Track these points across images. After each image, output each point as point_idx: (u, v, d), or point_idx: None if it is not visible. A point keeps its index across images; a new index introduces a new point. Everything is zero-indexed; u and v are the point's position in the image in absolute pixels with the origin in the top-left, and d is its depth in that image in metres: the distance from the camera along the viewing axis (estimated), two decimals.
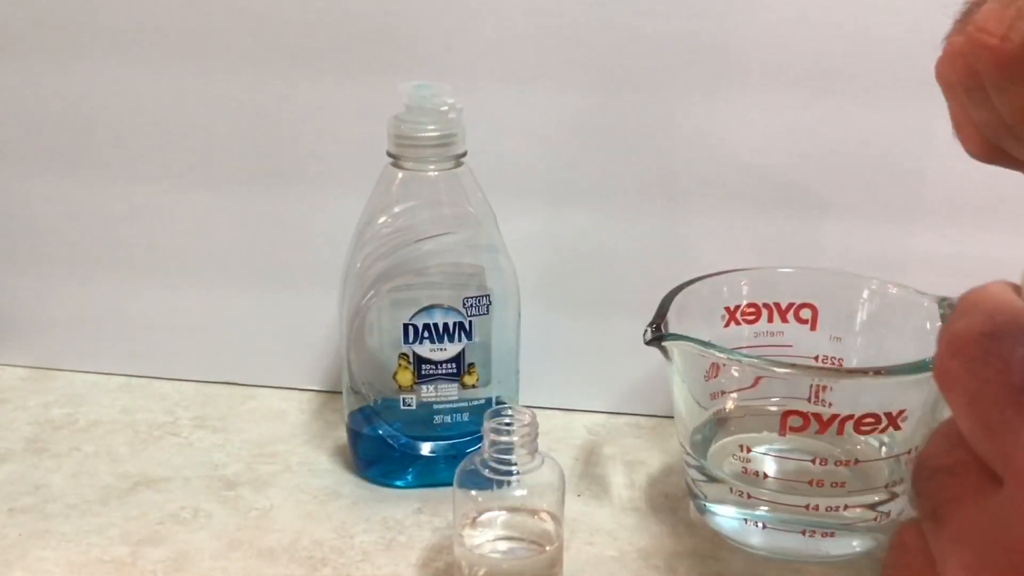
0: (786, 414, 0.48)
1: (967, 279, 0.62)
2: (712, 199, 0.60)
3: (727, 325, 0.54)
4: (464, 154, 0.53)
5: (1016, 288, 0.25)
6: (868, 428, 0.47)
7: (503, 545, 0.47)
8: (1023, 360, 0.22)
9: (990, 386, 0.22)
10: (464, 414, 0.55)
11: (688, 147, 0.60)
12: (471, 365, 0.55)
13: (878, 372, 0.47)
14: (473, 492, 0.47)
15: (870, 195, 0.59)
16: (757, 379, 0.50)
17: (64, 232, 0.66)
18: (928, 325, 0.51)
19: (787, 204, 0.59)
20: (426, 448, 0.56)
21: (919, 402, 0.48)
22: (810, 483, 0.48)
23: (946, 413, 0.45)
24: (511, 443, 0.46)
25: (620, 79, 0.59)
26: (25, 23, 0.62)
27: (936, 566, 0.24)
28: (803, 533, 0.49)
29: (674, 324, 0.49)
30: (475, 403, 0.55)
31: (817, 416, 0.47)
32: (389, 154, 0.53)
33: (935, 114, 0.59)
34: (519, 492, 0.47)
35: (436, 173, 0.53)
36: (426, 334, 0.54)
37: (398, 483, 0.56)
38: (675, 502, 0.56)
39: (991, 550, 0.22)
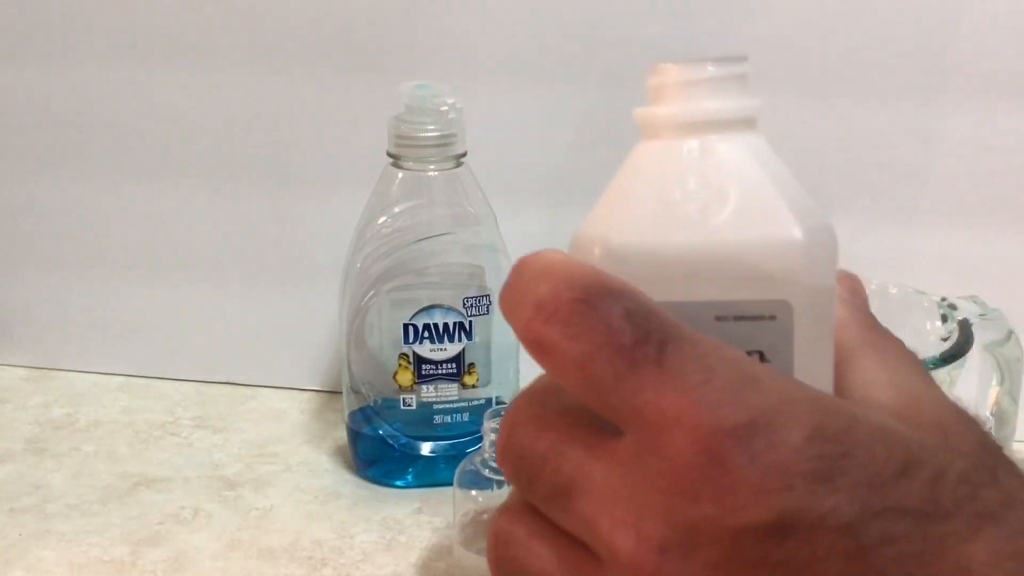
0: None
1: (967, 279, 0.63)
2: None
3: None
4: (464, 154, 0.53)
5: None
6: None
7: None
8: (622, 319, 0.23)
9: (600, 349, 0.23)
10: (464, 414, 0.55)
11: None
12: (471, 365, 0.55)
13: None
14: (473, 492, 0.47)
15: (870, 195, 0.59)
16: None
17: (64, 232, 0.66)
18: (928, 325, 0.51)
19: None
20: (426, 448, 0.56)
21: None
22: None
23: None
24: None
25: (620, 79, 0.59)
26: (25, 23, 0.62)
27: (560, 548, 0.25)
28: None
29: None
30: (475, 403, 0.55)
31: None
32: (389, 154, 0.53)
33: (936, 114, 0.59)
34: None
35: (436, 173, 0.53)
36: (426, 334, 0.54)
37: (398, 483, 0.56)
38: None
39: (640, 490, 0.23)
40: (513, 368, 0.57)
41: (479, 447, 0.47)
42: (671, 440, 0.23)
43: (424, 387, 0.55)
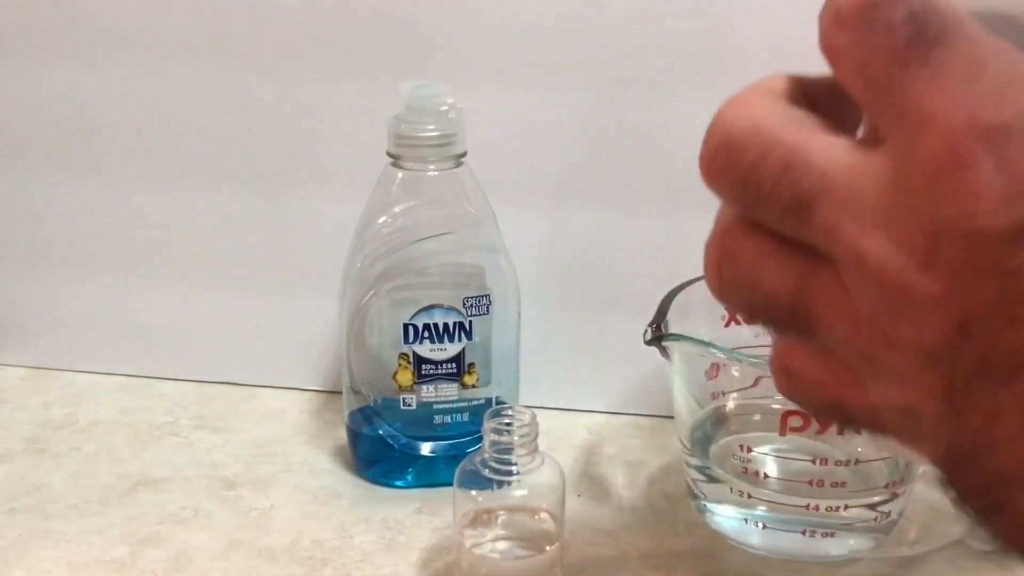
0: (786, 414, 0.48)
1: None
2: (712, 199, 0.60)
3: (727, 325, 0.54)
4: (464, 154, 0.53)
5: None
6: None
7: (503, 545, 0.47)
8: (904, 21, 0.23)
9: (877, 50, 0.23)
10: (464, 414, 0.55)
11: (688, 147, 0.59)
12: (471, 365, 0.55)
13: None
14: (473, 492, 0.47)
15: None
16: (758, 379, 0.50)
17: (64, 232, 0.66)
18: None
19: None
20: (426, 448, 0.56)
21: None
22: (810, 483, 0.48)
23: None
24: (511, 443, 0.46)
25: (620, 79, 0.59)
26: (25, 23, 0.62)
27: (795, 261, 0.25)
28: (803, 533, 0.49)
29: (674, 324, 0.49)
30: (475, 403, 0.55)
31: None
32: (389, 154, 0.53)
33: None
34: (519, 492, 0.47)
35: (436, 173, 0.53)
36: (426, 334, 0.54)
37: (398, 483, 0.56)
38: (675, 502, 0.55)
39: (892, 191, 0.23)
40: (513, 368, 0.57)
41: (479, 447, 0.47)
42: (923, 139, 0.22)
43: (424, 387, 0.55)
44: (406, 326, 0.54)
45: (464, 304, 0.54)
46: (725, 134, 0.27)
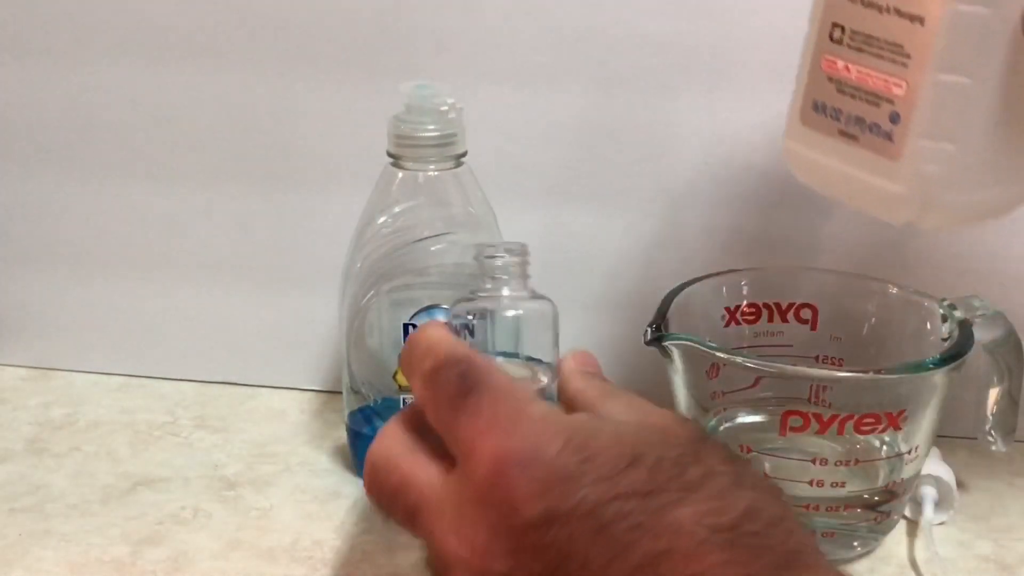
0: (786, 414, 0.48)
1: (967, 279, 0.62)
2: (712, 199, 0.60)
3: (727, 325, 0.54)
4: (464, 154, 0.53)
5: (447, 327, 0.40)
6: (868, 428, 0.47)
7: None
8: (455, 377, 0.35)
9: (441, 398, 0.35)
10: None
11: (688, 146, 0.60)
12: None
13: (878, 372, 0.47)
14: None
15: None
16: (757, 379, 0.50)
17: (64, 232, 0.66)
18: (928, 325, 0.51)
19: (787, 204, 0.59)
20: None
21: (919, 402, 0.48)
22: (810, 483, 0.48)
23: (937, 412, 0.45)
24: (503, 266, 0.43)
25: (620, 79, 0.59)
26: (25, 23, 0.62)
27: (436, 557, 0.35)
28: None
29: (674, 324, 0.49)
30: None
31: (817, 416, 0.47)
32: (389, 154, 0.53)
33: None
34: (510, 313, 0.44)
35: (436, 173, 0.53)
36: None
37: None
38: None
39: (460, 504, 0.33)
40: None
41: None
42: (471, 463, 0.33)
43: None
44: (406, 326, 0.54)
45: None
46: (370, 459, 0.38)
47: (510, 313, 0.43)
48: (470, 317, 0.43)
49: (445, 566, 0.34)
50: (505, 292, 0.43)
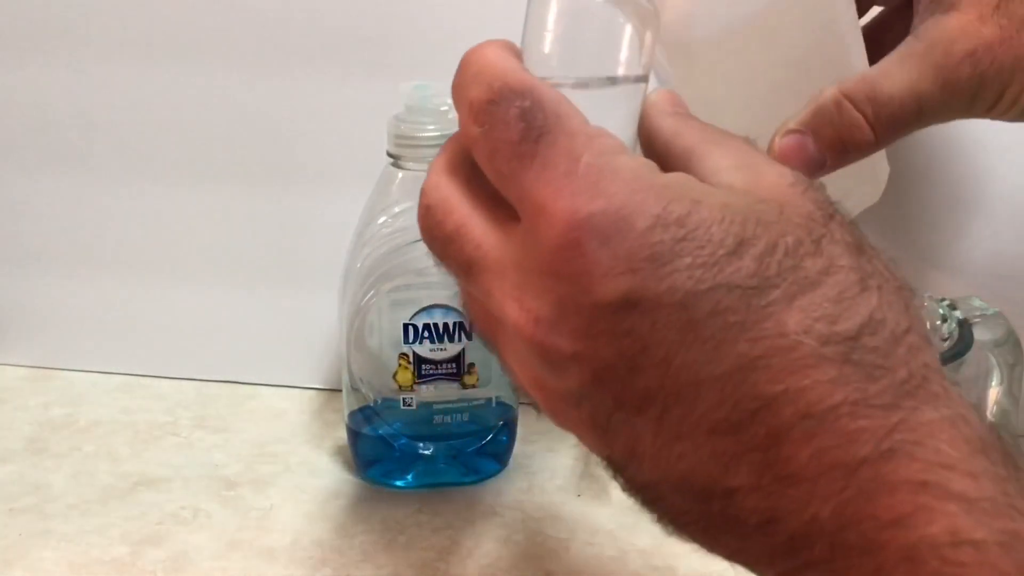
0: None
1: (969, 278, 0.62)
2: None
3: None
4: None
5: (513, 47, 0.32)
6: None
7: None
8: (515, 118, 0.28)
9: (498, 144, 0.28)
10: (464, 414, 0.55)
11: None
12: (471, 365, 0.55)
13: None
14: None
15: None
16: None
17: (64, 232, 0.66)
18: (928, 325, 0.51)
19: None
20: (426, 448, 0.56)
21: None
22: None
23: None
24: None
25: None
26: (25, 23, 0.62)
27: (491, 312, 0.29)
28: None
29: None
30: (475, 403, 0.55)
31: None
32: (389, 154, 0.53)
33: None
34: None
35: None
36: (426, 334, 0.54)
37: (398, 483, 0.56)
38: None
39: (523, 270, 0.28)
40: None
41: None
42: (540, 226, 0.27)
43: (424, 387, 0.55)
44: (406, 326, 0.54)
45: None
46: (423, 200, 0.32)
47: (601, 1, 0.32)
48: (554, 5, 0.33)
49: (500, 331, 0.29)
50: None
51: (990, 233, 0.59)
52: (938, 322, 0.50)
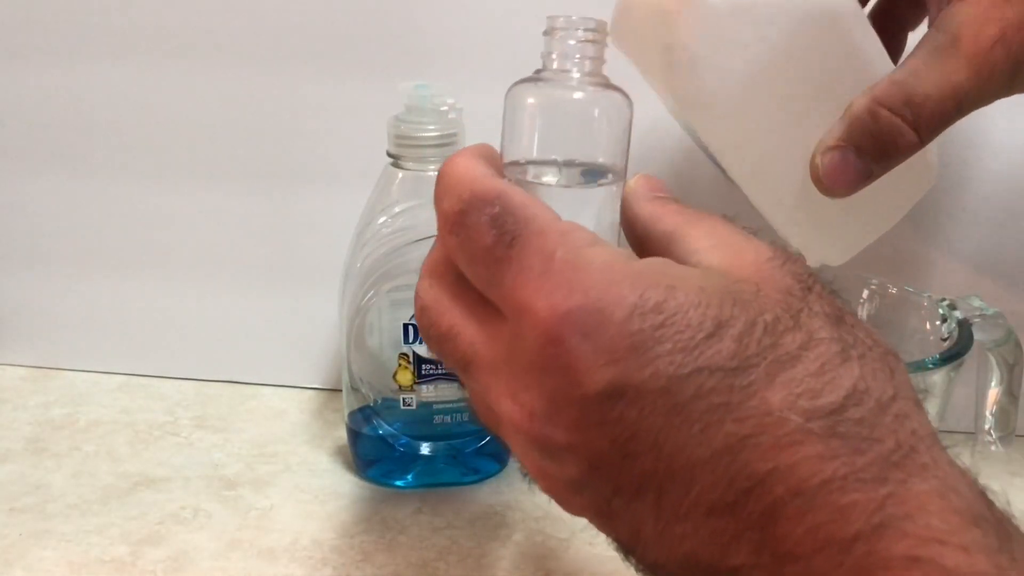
0: None
1: (967, 279, 0.62)
2: (714, 198, 0.60)
3: None
4: None
5: (488, 152, 0.33)
6: None
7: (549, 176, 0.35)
8: (486, 225, 0.29)
9: (474, 250, 0.29)
10: (464, 414, 0.55)
11: (690, 145, 0.60)
12: None
13: None
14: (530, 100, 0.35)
15: None
16: None
17: (64, 232, 0.66)
18: (928, 325, 0.51)
19: None
20: (426, 448, 0.56)
21: None
22: None
23: (937, 412, 0.45)
24: (572, 44, 0.35)
25: (621, 78, 0.59)
26: (25, 23, 0.62)
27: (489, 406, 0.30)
28: None
29: None
30: None
31: None
32: (389, 154, 0.53)
33: None
34: (578, 95, 0.35)
35: (436, 173, 0.53)
36: None
37: (398, 483, 0.56)
38: None
39: (514, 366, 0.28)
40: None
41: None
42: (525, 325, 0.28)
43: (424, 387, 0.55)
44: (406, 326, 0.54)
45: None
46: (417, 301, 0.33)
47: (578, 96, 0.34)
48: (530, 100, 0.34)
49: (498, 426, 0.30)
50: (574, 74, 0.34)
51: (990, 233, 0.59)
52: (938, 322, 0.50)
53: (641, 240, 0.32)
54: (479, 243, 0.29)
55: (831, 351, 0.27)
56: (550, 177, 0.33)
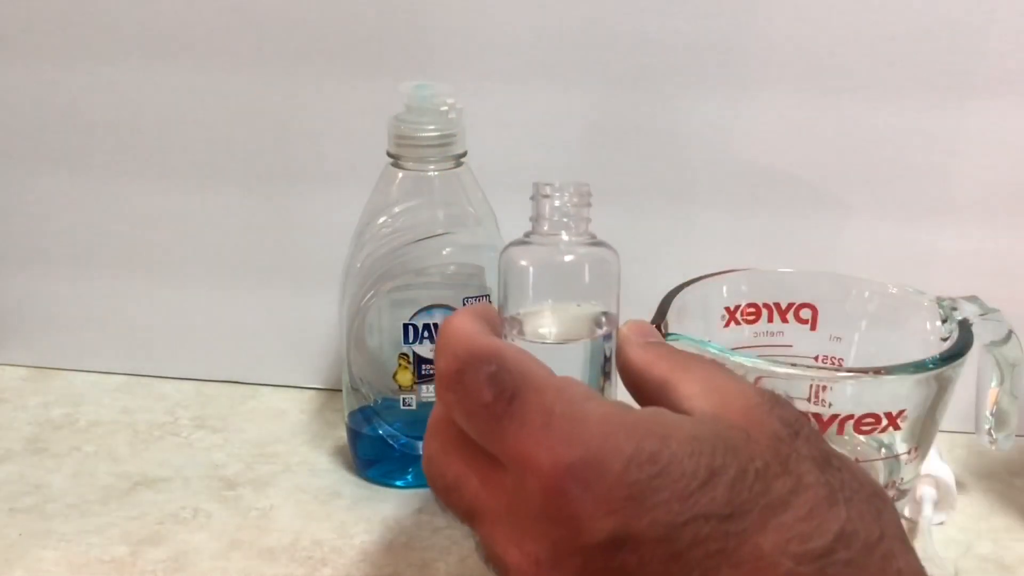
0: None
1: (967, 279, 0.62)
2: (714, 198, 0.60)
3: (727, 325, 0.54)
4: (464, 154, 0.53)
5: (485, 312, 0.34)
6: (868, 428, 0.47)
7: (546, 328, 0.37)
8: (484, 384, 0.30)
9: (473, 407, 0.31)
10: None
11: (691, 146, 0.60)
12: None
13: (878, 372, 0.47)
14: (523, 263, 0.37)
15: (870, 194, 0.59)
16: (757, 379, 0.50)
17: (64, 232, 0.66)
18: (928, 325, 0.51)
19: (792, 204, 0.59)
20: None
21: (919, 402, 0.48)
22: None
23: (938, 412, 0.45)
24: (559, 207, 0.37)
25: (622, 78, 0.59)
26: (25, 23, 0.62)
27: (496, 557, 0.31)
28: None
29: (674, 324, 0.49)
30: None
31: (817, 416, 0.47)
32: (389, 154, 0.53)
33: (936, 113, 0.59)
34: (568, 258, 0.37)
35: (436, 173, 0.53)
36: (426, 334, 0.54)
37: (398, 483, 0.56)
38: None
39: (518, 516, 0.30)
40: None
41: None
42: (527, 478, 0.29)
43: (424, 387, 0.55)
44: (406, 326, 0.54)
45: (464, 304, 0.54)
46: (425, 451, 0.34)
47: (568, 259, 0.37)
48: (523, 263, 0.36)
49: (506, 573, 0.31)
50: (564, 236, 0.37)
51: (990, 233, 0.59)
52: (938, 322, 0.50)
53: (636, 385, 0.34)
54: (478, 400, 0.30)
55: (819, 496, 0.29)
56: (546, 331, 0.36)
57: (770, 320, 0.55)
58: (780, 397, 0.32)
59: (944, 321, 0.50)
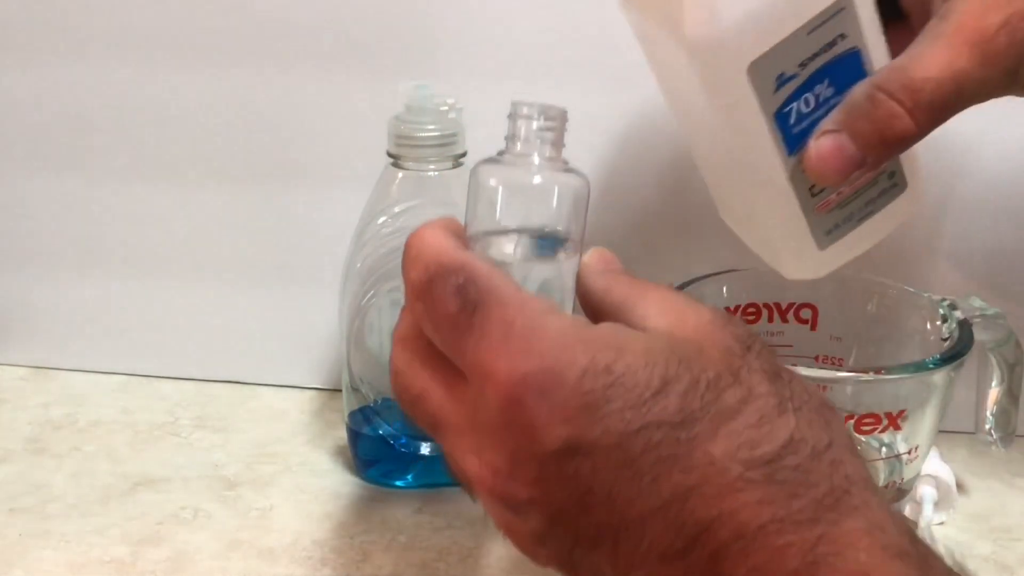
0: None
1: (969, 278, 0.62)
2: (712, 199, 0.60)
3: None
4: (464, 154, 0.53)
5: (453, 226, 0.35)
6: (868, 428, 0.47)
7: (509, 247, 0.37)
8: (451, 294, 0.31)
9: (440, 318, 0.31)
10: None
11: (682, 151, 0.59)
12: None
13: (878, 372, 0.47)
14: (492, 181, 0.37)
15: None
16: None
17: (64, 232, 0.66)
18: (928, 325, 0.51)
19: None
20: (426, 448, 0.56)
21: (919, 402, 0.48)
22: None
23: (938, 412, 0.45)
24: (535, 129, 0.36)
25: (621, 79, 0.59)
26: (25, 23, 0.62)
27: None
28: None
29: None
30: None
31: None
32: (389, 154, 0.53)
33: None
34: (536, 180, 0.37)
35: (436, 173, 0.53)
36: None
37: (398, 483, 0.56)
38: None
39: (478, 427, 0.30)
40: None
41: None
42: (487, 388, 0.30)
43: None
44: None
45: None
46: (392, 366, 0.34)
47: (537, 180, 0.36)
48: (492, 181, 0.36)
49: (467, 483, 0.32)
50: (535, 159, 0.36)
51: (990, 233, 0.59)
52: (938, 322, 0.51)
53: (595, 310, 0.34)
54: (444, 311, 0.31)
55: (769, 404, 0.29)
56: (510, 250, 0.36)
57: (770, 320, 0.55)
58: (734, 317, 0.32)
59: (944, 321, 0.50)
